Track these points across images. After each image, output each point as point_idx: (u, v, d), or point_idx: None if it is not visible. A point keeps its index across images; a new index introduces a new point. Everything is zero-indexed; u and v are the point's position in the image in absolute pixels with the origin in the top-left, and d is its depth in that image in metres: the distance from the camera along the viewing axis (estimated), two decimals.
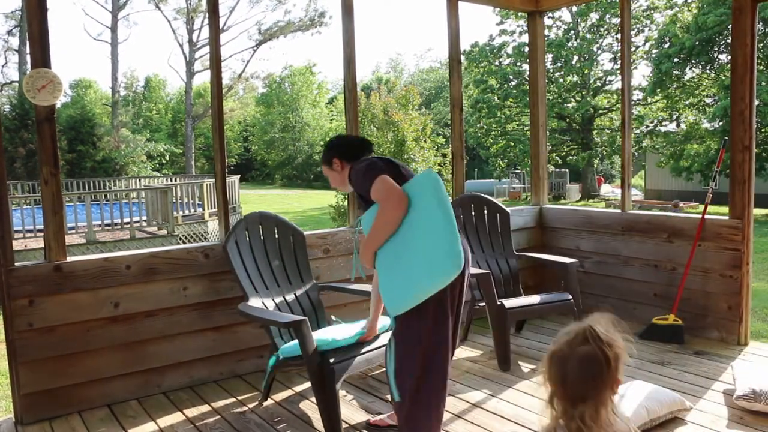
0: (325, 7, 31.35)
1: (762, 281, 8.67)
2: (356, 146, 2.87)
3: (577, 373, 1.35)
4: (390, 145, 12.07)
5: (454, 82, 4.76)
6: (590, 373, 1.34)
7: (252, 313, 3.16)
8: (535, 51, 5.23)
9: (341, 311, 4.06)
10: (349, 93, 4.19)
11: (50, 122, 3.16)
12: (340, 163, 2.83)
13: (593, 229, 4.84)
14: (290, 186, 37.27)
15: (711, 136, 20.11)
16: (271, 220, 3.64)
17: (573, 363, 1.36)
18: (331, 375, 2.79)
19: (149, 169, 27.83)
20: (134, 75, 39.61)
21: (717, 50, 20.26)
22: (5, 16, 31.88)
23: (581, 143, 27.04)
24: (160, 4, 29.58)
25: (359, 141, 2.91)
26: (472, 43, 28.01)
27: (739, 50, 3.83)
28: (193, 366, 3.65)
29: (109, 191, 14.31)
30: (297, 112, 39.09)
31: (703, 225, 4.06)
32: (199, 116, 32.10)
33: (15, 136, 20.68)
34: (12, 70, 29.60)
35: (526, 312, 4.00)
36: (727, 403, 3.15)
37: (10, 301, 3.11)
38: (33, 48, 3.12)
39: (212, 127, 3.78)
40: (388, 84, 28.26)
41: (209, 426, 3.13)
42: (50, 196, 3.17)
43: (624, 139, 4.67)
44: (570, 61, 25.62)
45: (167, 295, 3.53)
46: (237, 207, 15.46)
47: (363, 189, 2.63)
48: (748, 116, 3.83)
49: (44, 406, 3.23)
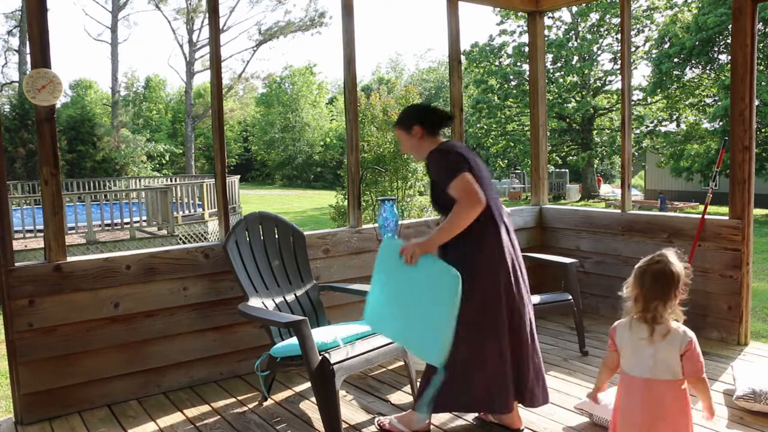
0: (325, 7, 31.36)
1: (762, 281, 8.67)
2: (442, 119, 2.90)
3: (651, 282, 2.04)
4: (390, 145, 12.06)
5: (454, 82, 4.76)
6: (660, 282, 2.02)
7: (252, 313, 3.16)
8: (535, 51, 5.23)
9: (341, 311, 4.06)
10: (349, 93, 4.19)
11: (50, 122, 3.16)
12: (422, 131, 2.87)
13: (593, 229, 4.84)
14: (290, 186, 37.28)
15: (711, 136, 20.13)
16: (271, 220, 3.64)
17: (649, 275, 2.05)
18: (331, 375, 2.79)
19: (149, 169, 27.83)
20: (134, 75, 39.62)
21: (717, 50, 20.26)
22: (5, 16, 31.88)
23: (581, 143, 27.05)
24: (160, 4, 29.57)
25: (446, 115, 2.93)
26: (472, 43, 28.02)
27: (739, 50, 3.83)
28: (193, 366, 3.65)
29: (109, 191, 14.31)
30: (297, 112, 39.09)
31: (703, 225, 4.06)
32: (199, 116, 32.10)
33: (15, 136, 20.69)
34: (12, 70, 29.63)
35: None
36: (727, 403, 3.15)
37: (10, 301, 3.11)
38: (33, 48, 3.12)
39: (212, 127, 3.78)
40: (388, 84, 28.27)
41: (209, 426, 3.13)
42: (50, 196, 3.17)
43: (624, 139, 4.67)
44: (570, 61, 25.64)
45: (167, 295, 3.53)
46: (237, 207, 15.46)
47: (441, 179, 2.70)
48: (748, 116, 3.83)
49: (44, 406, 3.23)
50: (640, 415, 2.06)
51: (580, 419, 3.03)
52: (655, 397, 2.03)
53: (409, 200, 12.25)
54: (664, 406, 2.03)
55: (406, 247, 2.68)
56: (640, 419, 2.06)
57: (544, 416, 3.08)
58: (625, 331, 2.13)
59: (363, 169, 8.78)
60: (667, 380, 2.05)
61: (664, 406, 2.03)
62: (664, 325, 2.04)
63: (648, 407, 2.04)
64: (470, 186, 2.58)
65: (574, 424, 3.00)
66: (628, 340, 2.11)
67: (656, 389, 2.04)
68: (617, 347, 2.17)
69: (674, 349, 2.04)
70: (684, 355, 2.05)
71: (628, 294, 2.10)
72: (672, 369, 2.05)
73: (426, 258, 2.64)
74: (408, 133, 2.90)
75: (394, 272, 2.71)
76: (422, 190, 13.01)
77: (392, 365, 3.87)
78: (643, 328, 2.05)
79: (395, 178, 12.06)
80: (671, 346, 2.04)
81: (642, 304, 2.05)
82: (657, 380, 2.04)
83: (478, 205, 2.57)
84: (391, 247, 2.75)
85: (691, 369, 2.06)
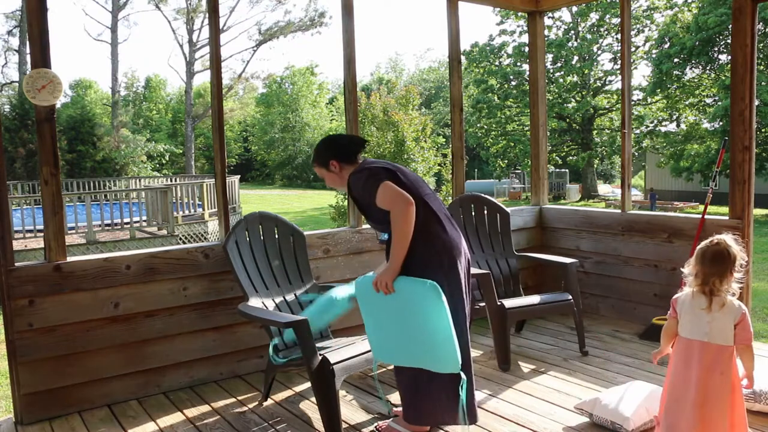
0: (325, 7, 31.37)
1: (762, 281, 8.68)
2: (355, 145, 2.90)
3: (711, 260, 2.33)
4: (390, 146, 12.07)
5: (454, 82, 4.76)
6: (718, 260, 2.32)
7: (252, 313, 3.16)
8: (535, 51, 5.23)
9: None
10: (349, 93, 4.19)
11: (50, 122, 3.16)
12: (338, 164, 2.86)
13: (593, 229, 4.84)
14: (290, 186, 37.28)
15: (711, 136, 20.13)
16: (271, 220, 3.64)
17: (709, 254, 2.34)
18: (331, 375, 2.79)
19: (149, 169, 27.84)
20: (134, 75, 39.68)
21: (717, 50, 20.26)
22: (5, 16, 31.91)
23: (581, 143, 27.05)
24: (160, 4, 29.58)
25: (353, 141, 2.93)
26: (472, 43, 28.04)
27: (739, 50, 3.83)
28: (193, 366, 3.65)
29: (109, 191, 14.31)
30: (297, 112, 39.11)
31: (703, 225, 4.06)
32: (199, 116, 32.11)
33: (15, 136, 20.69)
34: (12, 70, 29.65)
35: (526, 312, 3.99)
36: None
37: (10, 301, 3.11)
38: (33, 48, 3.12)
39: (212, 127, 3.78)
40: (388, 84, 28.27)
41: (209, 426, 3.13)
42: (50, 196, 3.17)
43: (624, 139, 4.67)
44: (570, 61, 25.64)
45: (167, 295, 3.53)
46: (237, 207, 15.46)
47: (366, 198, 2.71)
48: (748, 116, 3.83)
49: (44, 406, 3.23)
50: (697, 373, 2.34)
51: (580, 419, 3.03)
52: (710, 357, 2.33)
53: None
54: (718, 363, 2.32)
55: (376, 280, 2.67)
56: (697, 376, 2.34)
57: (544, 416, 3.08)
58: (686, 300, 2.41)
59: None
60: (720, 345, 2.33)
61: (718, 363, 2.32)
62: (720, 297, 2.33)
63: (706, 369, 2.33)
64: (393, 190, 2.61)
65: (574, 424, 3.00)
66: (688, 308, 2.39)
67: (711, 351, 2.33)
68: (677, 314, 2.45)
69: (730, 319, 2.32)
70: (738, 325, 2.32)
71: (689, 270, 2.42)
72: (725, 335, 2.32)
73: (399, 281, 2.64)
74: (327, 170, 2.88)
75: (380, 306, 2.72)
76: None
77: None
78: (703, 299, 2.35)
79: None
80: (727, 317, 2.32)
81: (701, 278, 2.35)
82: (711, 344, 2.33)
83: (409, 204, 2.59)
84: (364, 284, 2.75)
85: (743, 337, 2.33)
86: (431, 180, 14.90)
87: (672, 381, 2.43)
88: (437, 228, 2.73)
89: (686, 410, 2.35)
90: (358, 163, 2.87)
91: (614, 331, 4.43)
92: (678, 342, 2.44)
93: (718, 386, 2.32)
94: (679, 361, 2.41)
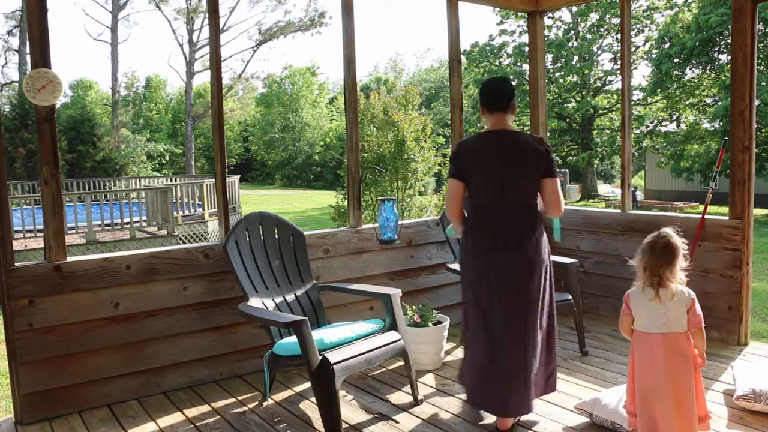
0: (325, 7, 31.33)
1: (762, 281, 8.67)
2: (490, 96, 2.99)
3: (659, 252, 2.48)
4: (390, 145, 12.05)
5: (454, 82, 4.76)
6: (666, 251, 2.47)
7: (252, 313, 3.16)
8: (535, 51, 5.23)
9: (341, 311, 4.07)
10: (349, 93, 4.19)
11: (50, 122, 3.16)
12: (482, 109, 3.03)
13: (593, 229, 4.84)
14: (290, 186, 37.26)
15: (711, 137, 20.12)
16: (271, 220, 3.64)
17: (656, 246, 2.48)
18: (331, 375, 2.79)
19: (149, 169, 27.82)
20: (134, 75, 39.58)
21: (717, 50, 20.25)
22: (5, 16, 31.90)
23: (581, 143, 27.04)
24: (160, 4, 29.55)
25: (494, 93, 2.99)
26: (472, 43, 28.00)
27: (739, 50, 3.83)
28: (193, 366, 3.65)
29: (109, 191, 14.30)
30: (297, 112, 39.07)
31: (703, 225, 4.06)
32: (199, 116, 32.09)
33: (15, 136, 20.67)
34: (12, 70, 29.61)
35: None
36: (727, 403, 3.15)
37: (10, 301, 3.11)
38: (33, 48, 3.12)
39: (212, 127, 3.78)
40: (388, 84, 28.27)
41: (209, 426, 3.13)
42: (50, 196, 3.17)
43: (624, 139, 4.67)
44: (570, 61, 25.62)
45: (167, 295, 3.53)
46: (237, 207, 15.46)
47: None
48: (748, 116, 3.83)
49: (44, 406, 3.23)
50: (664, 364, 2.46)
51: (580, 419, 3.03)
52: (674, 346, 2.47)
53: (409, 200, 12.24)
54: (679, 350, 2.47)
55: None
56: (664, 366, 2.45)
57: (544, 416, 3.08)
58: (638, 295, 2.54)
59: (363, 169, 8.78)
60: (677, 332, 2.49)
61: (679, 350, 2.47)
62: (669, 288, 2.47)
63: (670, 357, 2.46)
64: (447, 194, 2.96)
65: (574, 424, 3.00)
66: (641, 303, 2.52)
67: (673, 339, 2.47)
68: (632, 311, 2.56)
69: (682, 306, 2.48)
70: (690, 310, 2.48)
71: (638, 264, 2.54)
72: (681, 322, 2.49)
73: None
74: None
75: None
76: (422, 190, 13.01)
77: (392, 365, 3.87)
78: (651, 291, 2.48)
79: (395, 178, 12.05)
80: (680, 304, 2.48)
81: (650, 270, 2.49)
82: (672, 333, 2.48)
83: (448, 211, 2.97)
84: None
85: (695, 320, 2.49)
86: (431, 180, 14.89)
87: (641, 375, 2.55)
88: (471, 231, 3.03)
89: (662, 401, 2.46)
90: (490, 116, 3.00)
91: (614, 331, 4.42)
92: (638, 337, 2.56)
93: (684, 371, 2.47)
94: (644, 356, 2.53)
